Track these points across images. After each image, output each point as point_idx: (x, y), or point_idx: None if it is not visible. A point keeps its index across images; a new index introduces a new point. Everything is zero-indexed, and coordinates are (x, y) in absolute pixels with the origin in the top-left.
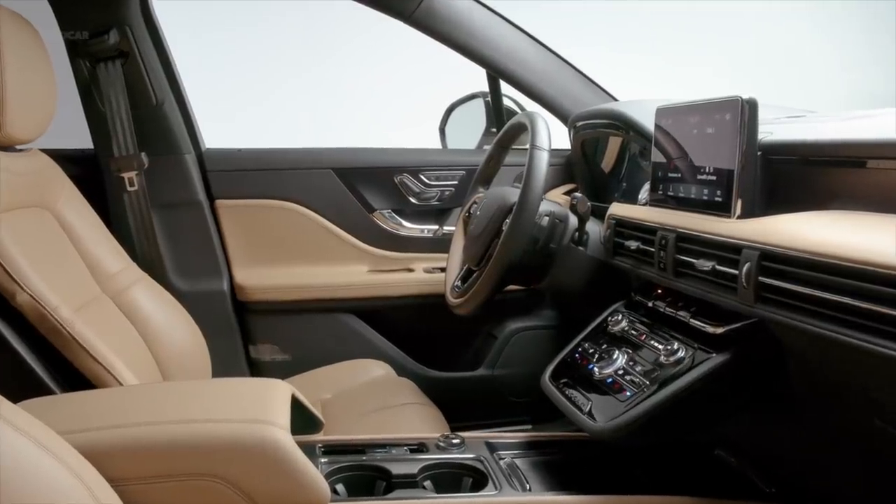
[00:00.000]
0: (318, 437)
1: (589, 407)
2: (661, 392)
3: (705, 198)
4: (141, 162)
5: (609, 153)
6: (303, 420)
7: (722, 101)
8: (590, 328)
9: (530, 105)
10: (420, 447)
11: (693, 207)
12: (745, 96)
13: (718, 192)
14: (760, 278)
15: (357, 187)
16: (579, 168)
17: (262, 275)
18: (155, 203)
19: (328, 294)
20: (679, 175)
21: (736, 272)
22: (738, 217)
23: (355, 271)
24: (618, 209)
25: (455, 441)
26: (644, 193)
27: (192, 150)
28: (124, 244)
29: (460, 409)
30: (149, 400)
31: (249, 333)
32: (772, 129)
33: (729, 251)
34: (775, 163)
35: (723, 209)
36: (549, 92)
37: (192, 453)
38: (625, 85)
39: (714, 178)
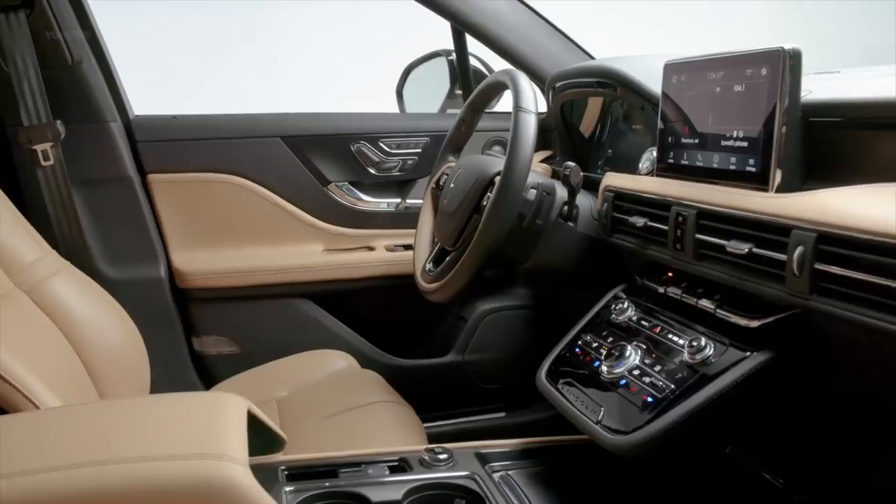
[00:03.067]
0: (280, 457)
1: (601, 414)
2: (692, 398)
3: (733, 167)
4: (56, 132)
5: (588, 117)
6: (262, 438)
7: (756, 54)
8: (589, 317)
9: (498, 65)
10: (401, 464)
11: (717, 179)
12: (788, 46)
13: (751, 161)
14: (817, 265)
15: (309, 157)
16: (558, 134)
17: (204, 258)
18: (76, 179)
19: (280, 278)
20: (696, 141)
21: (781, 257)
22: (777, 191)
23: (309, 251)
24: (615, 180)
25: (442, 456)
26: (646, 162)
27: (117, 117)
28: (41, 229)
29: (429, 399)
30: (70, 431)
31: (192, 325)
32: (810, 88)
33: (771, 232)
34: (817, 127)
35: (757, 181)
36: (523, 49)
37: (128, 502)
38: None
39: (745, 144)
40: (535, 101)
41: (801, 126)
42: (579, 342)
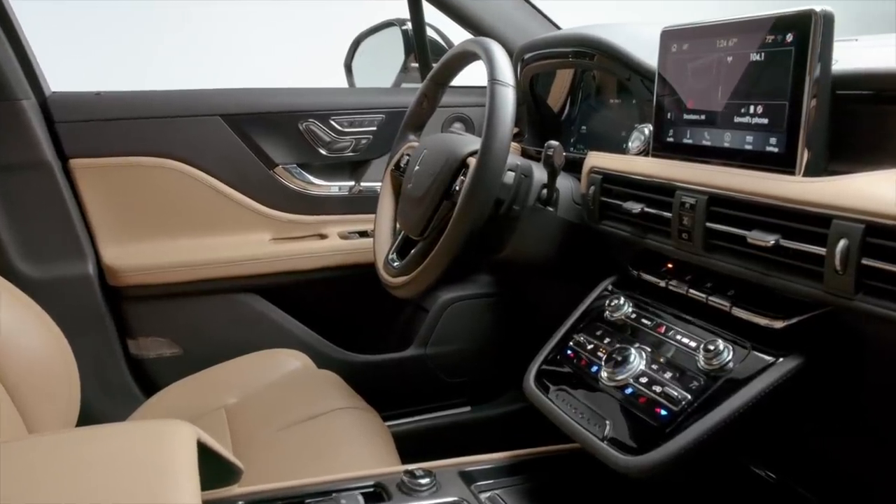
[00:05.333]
0: (237, 489)
1: (607, 429)
2: (715, 411)
3: (749, 147)
4: None
5: (556, 91)
6: (215, 469)
7: (780, 17)
8: (578, 314)
9: (455, 36)
10: (378, 491)
11: (728, 160)
12: (819, 8)
13: (772, 141)
14: (864, 260)
15: (253, 138)
16: (526, 109)
17: (137, 252)
18: None
19: (223, 271)
20: (702, 117)
21: (818, 250)
22: (804, 174)
23: (255, 241)
24: (602, 160)
25: (423, 480)
26: (636, 141)
27: (30, 94)
28: None
29: (390, 396)
30: None
31: (127, 326)
32: (834, 57)
33: (804, 222)
34: (843, 101)
35: (780, 163)
36: (488, 18)
37: None
38: None
39: (764, 120)
40: (512, 74)
41: (830, 100)
42: (571, 343)
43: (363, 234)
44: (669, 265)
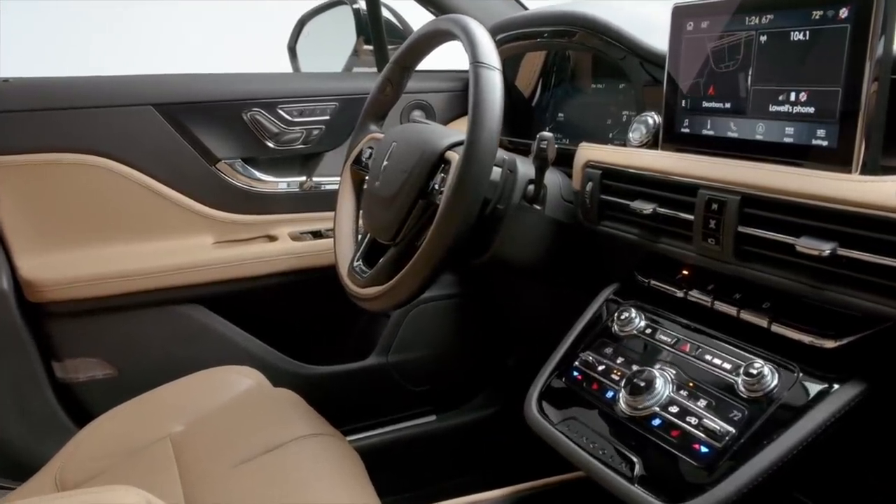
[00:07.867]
0: None
1: (638, 469)
2: (770, 448)
3: (789, 140)
4: None
5: (525, 76)
6: None
7: None
8: (580, 328)
9: (415, 19)
10: None
11: (762, 155)
12: None
13: (820, 133)
14: None
15: (192, 130)
16: None
17: (60, 263)
18: None
19: (161, 281)
20: (726, 105)
21: (889, 262)
22: (861, 172)
23: (197, 245)
24: (599, 153)
25: None
26: (636, 132)
27: None
28: None
29: (352, 409)
30: None
31: (52, 347)
32: None
33: (868, 228)
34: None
35: (830, 159)
36: None
37: None
38: None
39: (810, 109)
40: (497, 55)
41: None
42: (576, 363)
43: (317, 234)
44: (685, 272)
